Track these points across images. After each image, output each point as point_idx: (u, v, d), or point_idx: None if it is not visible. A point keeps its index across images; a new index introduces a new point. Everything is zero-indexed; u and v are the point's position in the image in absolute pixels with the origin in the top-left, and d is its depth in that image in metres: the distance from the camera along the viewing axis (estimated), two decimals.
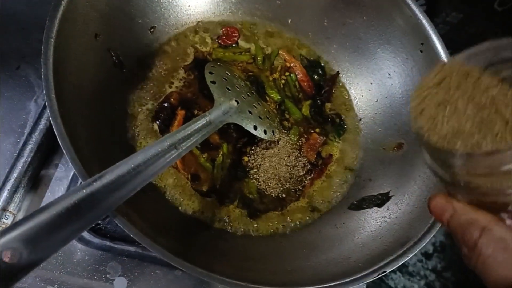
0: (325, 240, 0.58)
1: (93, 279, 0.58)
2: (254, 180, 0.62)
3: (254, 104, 0.63)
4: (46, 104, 0.43)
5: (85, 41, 0.52)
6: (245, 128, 0.59)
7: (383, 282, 0.83)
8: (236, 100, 0.59)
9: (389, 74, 0.67)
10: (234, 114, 0.58)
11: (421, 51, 0.62)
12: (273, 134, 0.63)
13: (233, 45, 0.71)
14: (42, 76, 0.44)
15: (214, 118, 0.54)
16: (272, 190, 0.63)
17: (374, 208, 0.59)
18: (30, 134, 0.61)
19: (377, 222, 0.57)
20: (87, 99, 0.51)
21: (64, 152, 0.42)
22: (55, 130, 0.42)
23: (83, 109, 0.49)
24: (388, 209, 0.58)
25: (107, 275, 0.59)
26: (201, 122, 0.51)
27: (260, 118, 0.61)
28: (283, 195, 0.63)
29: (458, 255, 0.86)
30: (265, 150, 0.64)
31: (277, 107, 0.68)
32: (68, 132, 0.43)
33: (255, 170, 0.63)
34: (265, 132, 0.61)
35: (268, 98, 0.69)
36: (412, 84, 0.64)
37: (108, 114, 0.56)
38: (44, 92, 0.44)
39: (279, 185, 0.63)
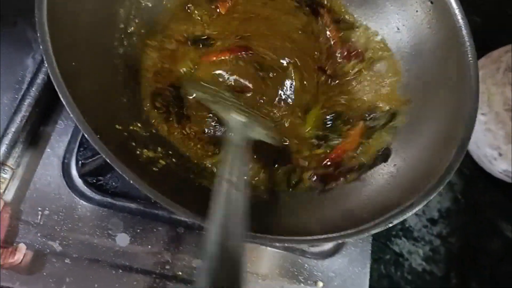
0: (330, 197, 0.57)
1: (95, 235, 0.58)
2: None
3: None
4: (41, 47, 0.41)
5: None
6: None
7: (388, 247, 0.83)
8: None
9: (398, 28, 0.64)
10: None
11: (431, 3, 0.60)
12: None
13: None
14: (36, 19, 0.42)
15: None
16: None
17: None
18: (28, 89, 0.60)
19: (384, 178, 0.56)
20: (85, 47, 0.49)
21: (62, 99, 0.40)
22: (50, 74, 0.41)
23: (80, 54, 0.47)
24: (395, 164, 0.57)
25: (109, 231, 0.58)
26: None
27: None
28: None
29: (464, 221, 0.86)
30: None
31: None
32: (65, 77, 0.41)
33: None
34: None
35: None
36: (421, 38, 0.61)
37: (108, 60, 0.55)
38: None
39: None
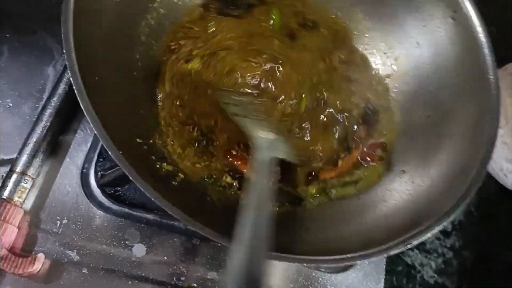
0: (346, 212, 0.57)
1: (112, 245, 0.58)
2: None
3: None
4: (67, 64, 0.42)
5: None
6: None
7: (400, 258, 0.82)
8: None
9: (418, 43, 0.64)
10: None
11: (453, 19, 0.59)
12: None
13: None
14: (62, 35, 0.43)
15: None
16: None
17: (397, 180, 0.58)
18: (48, 99, 0.60)
19: (401, 195, 0.55)
20: (107, 61, 0.50)
21: (87, 116, 0.41)
22: (76, 91, 0.41)
23: (103, 67, 0.48)
24: (413, 182, 0.56)
25: (126, 242, 0.59)
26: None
27: None
28: None
29: (477, 234, 0.85)
30: None
31: None
32: (88, 92, 0.42)
33: None
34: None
35: None
36: (441, 54, 0.61)
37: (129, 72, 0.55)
38: (64, 54, 0.43)
39: None
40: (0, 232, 0.52)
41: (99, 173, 0.59)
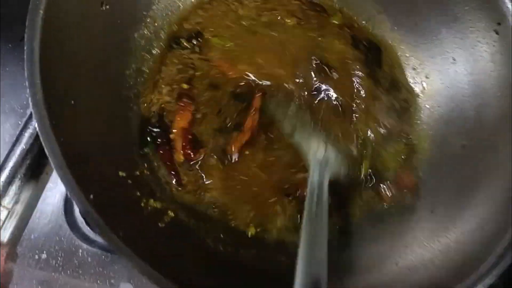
0: (361, 260, 0.49)
1: (96, 283, 0.52)
2: None
3: None
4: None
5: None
6: None
7: None
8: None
9: (454, 59, 0.55)
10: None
11: (496, 33, 0.50)
12: None
13: None
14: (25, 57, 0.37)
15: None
16: None
17: (424, 223, 0.49)
18: (31, 116, 0.54)
19: (429, 242, 0.47)
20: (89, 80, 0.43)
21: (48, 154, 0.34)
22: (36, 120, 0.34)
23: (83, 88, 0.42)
24: (443, 226, 0.48)
25: (111, 280, 0.53)
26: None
27: None
28: None
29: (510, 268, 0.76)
30: None
31: None
32: (58, 121, 0.36)
33: None
34: None
35: None
36: (482, 72, 0.52)
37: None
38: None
39: None
40: None
41: None
